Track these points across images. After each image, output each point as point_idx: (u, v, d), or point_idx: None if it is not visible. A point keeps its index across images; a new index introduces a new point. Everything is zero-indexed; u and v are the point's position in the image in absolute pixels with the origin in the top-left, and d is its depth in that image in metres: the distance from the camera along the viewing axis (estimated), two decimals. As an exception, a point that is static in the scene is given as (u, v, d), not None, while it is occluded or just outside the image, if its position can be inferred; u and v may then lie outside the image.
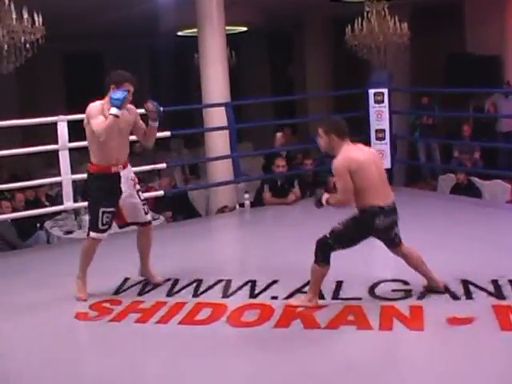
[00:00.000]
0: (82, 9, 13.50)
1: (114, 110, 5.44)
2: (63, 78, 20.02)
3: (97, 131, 5.42)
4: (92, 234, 5.76)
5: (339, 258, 6.36)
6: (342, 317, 5.00)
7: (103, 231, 5.75)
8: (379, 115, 9.60)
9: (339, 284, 5.63)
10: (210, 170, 9.98)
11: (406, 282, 5.59)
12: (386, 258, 7.02)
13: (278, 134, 11.14)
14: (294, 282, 5.63)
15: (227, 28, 10.36)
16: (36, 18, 9.32)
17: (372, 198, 5.13)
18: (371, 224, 5.21)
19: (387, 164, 9.74)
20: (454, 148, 11.85)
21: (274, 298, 5.35)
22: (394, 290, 5.49)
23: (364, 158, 5.08)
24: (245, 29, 16.05)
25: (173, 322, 5.04)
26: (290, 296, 5.42)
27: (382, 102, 9.59)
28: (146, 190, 10.16)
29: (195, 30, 10.59)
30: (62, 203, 8.53)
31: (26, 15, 9.23)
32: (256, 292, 5.57)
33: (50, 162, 14.41)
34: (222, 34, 9.98)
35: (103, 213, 5.64)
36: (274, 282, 5.69)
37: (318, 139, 5.30)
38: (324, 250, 5.19)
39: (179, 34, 16.05)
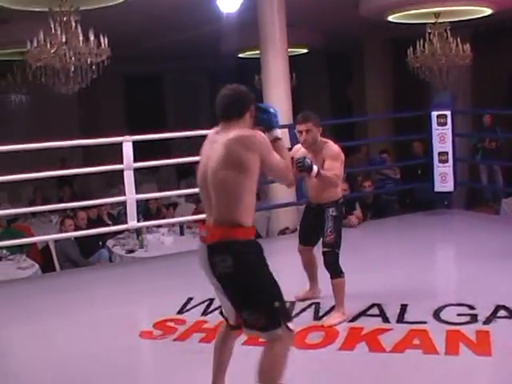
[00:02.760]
0: (144, 31, 13.71)
1: (278, 133, 3.95)
2: (123, 100, 20.28)
3: (283, 172, 3.86)
4: (288, 326, 3.76)
5: (403, 282, 6.34)
6: (407, 341, 4.95)
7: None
8: (442, 138, 9.51)
9: (404, 307, 5.57)
10: (272, 191, 9.98)
11: (471, 307, 5.51)
12: (450, 281, 7.00)
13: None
14: (357, 304, 5.60)
15: (288, 50, 10.39)
16: (102, 40, 9.48)
17: (341, 189, 5.60)
18: (342, 214, 5.64)
19: (450, 187, 9.66)
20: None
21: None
22: (459, 315, 5.41)
23: None
24: (305, 51, 16.10)
25: (237, 342, 5.03)
26: (355, 319, 5.38)
27: (445, 124, 9.50)
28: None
29: (257, 51, 10.65)
30: (123, 222, 8.65)
31: (92, 37, 9.39)
32: (320, 314, 5.56)
33: (110, 182, 14.67)
34: (285, 56, 10.00)
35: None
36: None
37: (303, 135, 5.33)
38: (338, 262, 5.38)
39: (241, 55, 16.16)
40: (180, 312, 5.88)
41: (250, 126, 3.78)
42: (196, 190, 10.09)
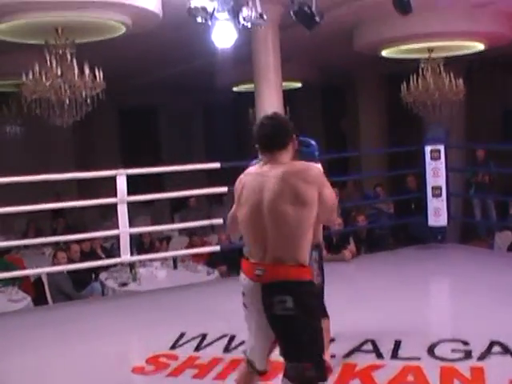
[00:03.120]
0: (139, 64, 13.79)
1: (320, 167, 3.90)
2: (118, 132, 20.33)
3: (334, 207, 3.67)
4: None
5: (397, 317, 6.33)
6: (401, 377, 4.93)
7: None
8: (436, 172, 9.55)
9: (398, 343, 5.55)
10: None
11: (465, 343, 5.49)
12: (444, 316, 6.98)
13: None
14: (350, 340, 5.57)
15: (282, 84, 10.44)
16: (97, 73, 9.52)
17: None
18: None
19: (443, 221, 9.67)
20: (510, 205, 11.70)
21: (332, 356, 5.28)
22: (453, 350, 5.38)
23: None
24: (299, 85, 16.19)
25: (230, 379, 5.01)
26: (348, 355, 5.35)
27: (439, 158, 9.55)
28: (201, 245, 10.23)
29: (251, 85, 10.71)
30: (117, 255, 8.62)
31: (87, 70, 9.43)
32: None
33: (104, 214, 14.63)
34: (279, 91, 10.07)
35: None
36: (331, 340, 5.63)
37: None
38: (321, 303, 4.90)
39: (235, 89, 16.25)
40: (173, 347, 5.83)
41: (293, 157, 3.66)
42: (189, 224, 10.18)
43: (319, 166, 3.75)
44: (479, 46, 12.13)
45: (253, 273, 3.50)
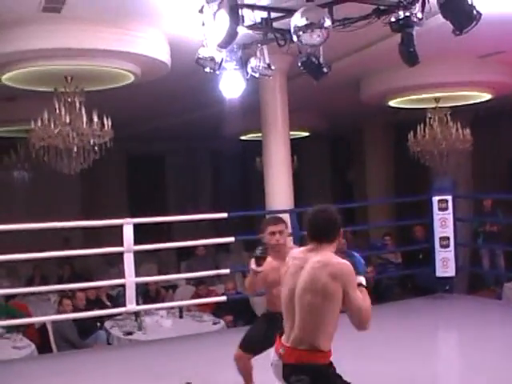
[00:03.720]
0: (147, 112, 13.88)
1: (363, 280, 3.87)
2: (126, 180, 20.37)
3: (362, 315, 3.74)
4: None
5: (404, 370, 6.24)
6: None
7: None
8: (443, 222, 9.53)
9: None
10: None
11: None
12: (452, 370, 6.90)
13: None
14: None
15: (290, 133, 10.47)
16: (105, 122, 9.56)
17: None
18: None
19: (451, 272, 9.62)
20: (518, 254, 11.65)
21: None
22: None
23: None
24: (307, 134, 16.25)
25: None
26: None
27: (447, 209, 9.54)
28: (207, 294, 10.17)
29: (259, 134, 10.75)
30: (122, 303, 8.57)
31: (95, 119, 9.48)
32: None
33: (110, 261, 14.60)
34: (286, 140, 10.08)
35: None
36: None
37: (277, 236, 5.15)
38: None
39: (242, 138, 16.31)
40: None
41: (337, 250, 3.83)
42: (196, 273, 10.15)
43: (363, 279, 3.83)
44: (486, 96, 12.18)
45: (278, 350, 3.76)
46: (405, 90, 11.53)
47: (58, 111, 9.46)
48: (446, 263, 9.55)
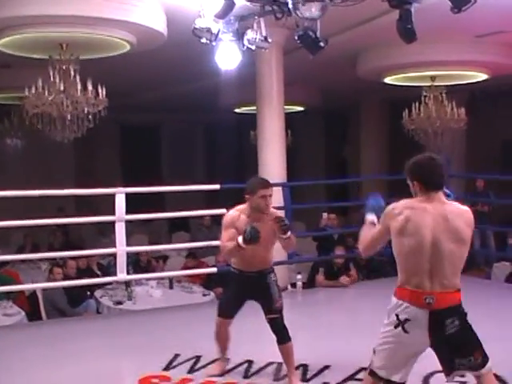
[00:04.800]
0: (143, 82, 13.81)
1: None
2: (119, 149, 20.34)
3: None
4: None
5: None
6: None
7: None
8: (436, 201, 9.52)
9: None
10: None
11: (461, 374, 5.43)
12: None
13: (324, 215, 11.15)
14: (345, 368, 5.52)
15: (285, 107, 10.45)
16: (99, 90, 9.52)
17: None
18: None
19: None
20: (509, 235, 11.66)
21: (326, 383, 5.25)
22: (448, 381, 5.32)
23: None
24: (302, 108, 16.21)
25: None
26: (343, 383, 5.30)
27: (439, 187, 9.52)
28: (198, 266, 10.19)
29: (253, 107, 10.72)
30: (113, 273, 8.59)
31: (90, 87, 9.43)
32: (308, 377, 5.48)
33: (102, 230, 14.62)
34: (281, 114, 10.06)
35: None
36: (326, 367, 5.59)
37: (268, 199, 5.16)
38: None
39: (237, 110, 16.27)
40: (166, 368, 5.79)
41: None
42: (188, 244, 10.18)
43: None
44: (482, 76, 12.16)
45: (422, 301, 3.84)
46: (401, 67, 11.49)
47: (52, 79, 9.41)
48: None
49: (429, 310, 3.83)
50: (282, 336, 5.25)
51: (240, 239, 4.97)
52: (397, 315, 3.93)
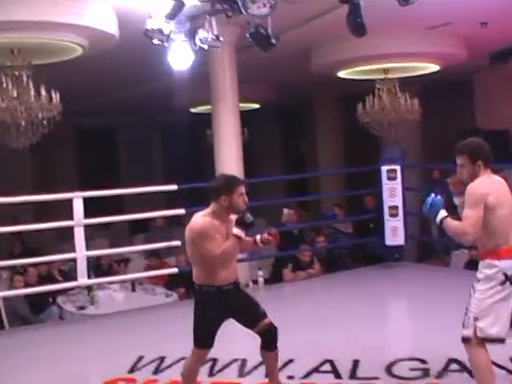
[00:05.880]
0: (97, 85, 13.72)
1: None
2: (76, 153, 20.18)
3: None
4: None
5: (356, 336, 6.35)
6: (360, 397, 4.95)
7: None
8: (392, 192, 9.66)
9: (356, 363, 5.57)
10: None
11: (423, 361, 5.54)
12: (402, 335, 7.03)
13: (285, 210, 11.21)
14: (309, 361, 5.57)
15: (240, 105, 10.48)
16: (53, 95, 9.45)
17: None
18: None
19: (401, 240, 9.76)
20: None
21: (291, 377, 5.29)
22: (411, 369, 5.42)
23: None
24: (257, 106, 16.25)
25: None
26: (307, 375, 5.35)
27: (395, 178, 9.65)
28: (160, 266, 10.18)
29: (209, 106, 10.72)
30: (75, 278, 8.54)
31: (43, 92, 9.36)
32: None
33: (62, 236, 14.48)
34: (236, 112, 10.08)
35: None
36: (290, 361, 5.63)
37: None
38: None
39: (192, 110, 16.25)
40: (131, 371, 5.79)
41: None
42: (146, 246, 10.14)
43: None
44: (434, 67, 12.30)
45: None
46: (354, 60, 11.57)
47: (4, 85, 9.31)
48: (395, 232, 9.69)
49: None
50: (275, 341, 4.85)
51: (237, 230, 4.57)
52: (504, 273, 4.36)
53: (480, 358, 4.42)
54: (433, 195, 4.63)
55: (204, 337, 4.78)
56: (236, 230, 4.59)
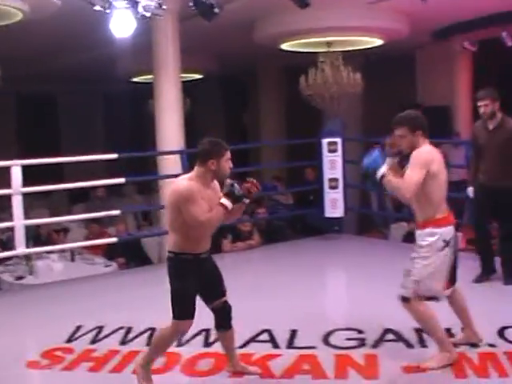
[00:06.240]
0: (38, 51, 13.48)
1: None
2: (16, 121, 19.83)
3: None
4: None
5: (294, 307, 6.41)
6: (296, 366, 5.00)
7: None
8: (333, 164, 9.73)
9: (294, 333, 5.62)
10: (163, 216, 9.92)
11: (360, 331, 5.61)
12: (340, 305, 7.13)
13: (227, 181, 11.20)
14: (247, 330, 5.60)
15: (183, 75, 10.40)
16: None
17: None
18: None
19: (340, 212, 9.86)
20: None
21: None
22: (348, 339, 5.50)
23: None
24: (200, 76, 16.16)
25: (126, 371, 4.99)
26: (245, 345, 5.38)
27: (336, 151, 9.73)
28: (100, 236, 10.12)
29: (150, 76, 10.63)
30: (12, 248, 8.42)
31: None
32: (210, 341, 5.53)
33: (0, 206, 14.26)
34: (178, 82, 10.00)
35: None
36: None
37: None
38: None
39: (134, 80, 16.09)
40: (68, 341, 5.75)
41: None
42: (86, 215, 10.05)
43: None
44: (377, 42, 12.38)
45: (454, 220, 4.82)
46: (297, 33, 11.59)
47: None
48: (334, 204, 9.77)
49: (454, 226, 4.79)
50: (230, 320, 4.80)
51: (225, 201, 4.49)
52: (444, 239, 4.70)
53: (420, 310, 4.76)
54: (377, 151, 4.82)
55: (187, 306, 4.54)
56: (224, 200, 4.49)
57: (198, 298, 4.60)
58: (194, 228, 4.43)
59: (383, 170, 4.74)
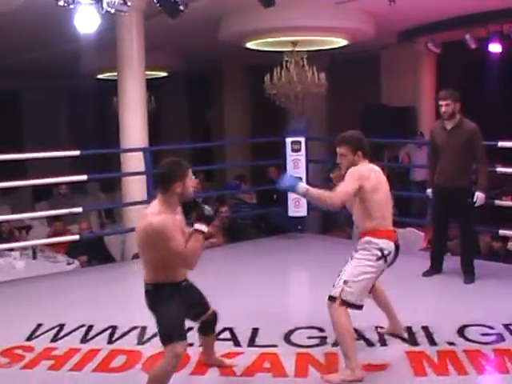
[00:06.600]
0: (1, 47, 13.34)
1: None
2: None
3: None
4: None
5: (255, 306, 6.43)
6: (257, 364, 5.02)
7: None
8: (296, 163, 9.75)
9: (255, 331, 5.64)
10: (127, 214, 9.89)
11: (321, 329, 5.64)
12: (302, 304, 7.15)
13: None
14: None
15: (147, 73, 10.35)
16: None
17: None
18: None
19: (303, 212, 9.90)
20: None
21: (190, 345, 5.30)
22: (309, 337, 5.53)
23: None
24: (165, 74, 16.12)
25: (87, 370, 4.97)
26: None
27: (299, 150, 9.75)
28: (63, 233, 10.04)
29: (115, 73, 10.57)
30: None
31: None
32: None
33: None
34: (142, 79, 9.95)
35: None
36: (190, 329, 5.65)
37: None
38: None
39: (99, 76, 16.00)
40: (29, 339, 5.69)
41: None
42: (48, 212, 9.97)
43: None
44: (342, 42, 12.44)
45: (395, 237, 4.92)
46: (262, 32, 11.62)
47: None
48: (297, 203, 9.80)
49: (394, 243, 4.86)
50: (215, 325, 4.90)
51: (200, 226, 4.26)
52: (381, 249, 4.80)
53: (342, 316, 4.75)
54: (288, 172, 4.93)
55: (179, 327, 4.37)
56: (198, 225, 4.26)
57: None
58: (173, 259, 4.27)
59: (301, 185, 4.81)
